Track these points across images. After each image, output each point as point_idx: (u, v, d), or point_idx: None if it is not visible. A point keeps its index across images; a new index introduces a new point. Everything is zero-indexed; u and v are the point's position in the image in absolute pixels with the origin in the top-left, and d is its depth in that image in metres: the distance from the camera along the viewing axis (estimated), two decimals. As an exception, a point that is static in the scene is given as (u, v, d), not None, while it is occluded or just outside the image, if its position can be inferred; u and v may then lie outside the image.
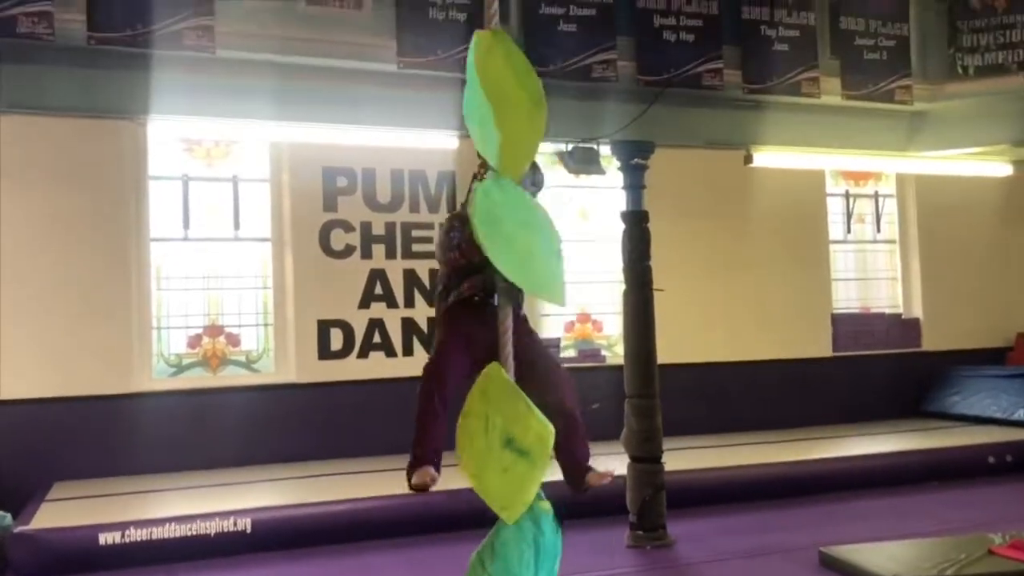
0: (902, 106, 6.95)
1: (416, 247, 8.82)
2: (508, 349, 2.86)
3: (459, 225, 3.33)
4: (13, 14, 4.66)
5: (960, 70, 6.98)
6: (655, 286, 6.57)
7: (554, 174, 7.98)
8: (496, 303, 2.96)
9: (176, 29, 5.03)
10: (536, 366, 3.19)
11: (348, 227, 8.58)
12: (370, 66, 5.66)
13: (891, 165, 8.64)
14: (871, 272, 10.91)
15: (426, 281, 8.73)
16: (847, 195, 10.73)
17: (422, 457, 3.11)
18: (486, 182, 2.70)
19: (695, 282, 8.90)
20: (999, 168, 8.26)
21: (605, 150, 6.68)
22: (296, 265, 8.41)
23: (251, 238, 8.49)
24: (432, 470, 3.08)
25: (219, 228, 8.36)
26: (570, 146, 6.56)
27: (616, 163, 6.66)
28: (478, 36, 2.56)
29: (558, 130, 6.45)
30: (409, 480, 3.12)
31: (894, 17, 6.91)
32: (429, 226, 8.82)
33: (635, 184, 6.66)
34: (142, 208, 7.94)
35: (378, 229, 8.70)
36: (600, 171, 6.68)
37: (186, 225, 8.21)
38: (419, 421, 3.17)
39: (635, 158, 6.61)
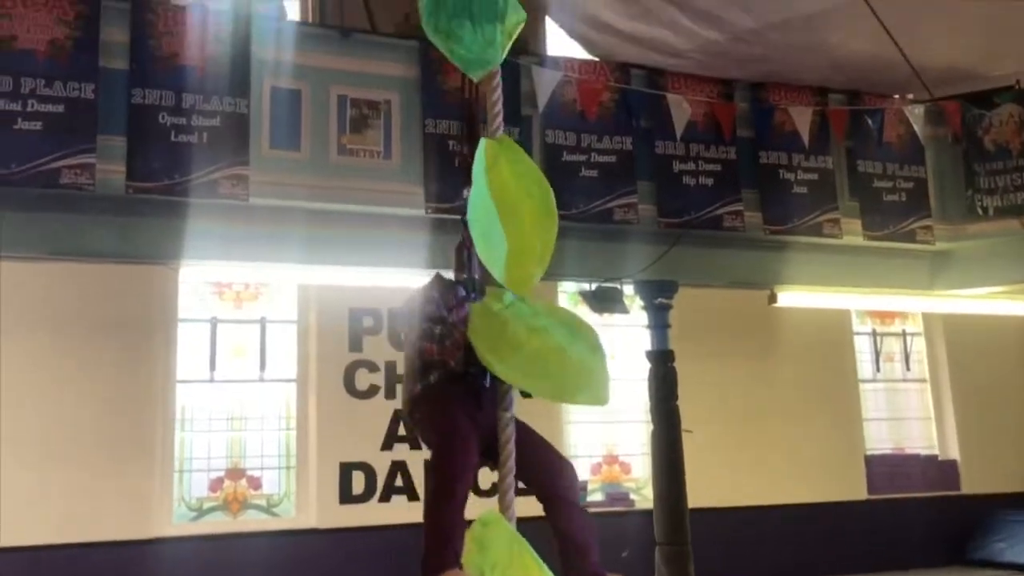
0: (924, 246, 7.00)
1: (440, 387, 8.74)
2: (510, 433, 2.48)
3: (442, 312, 3.01)
4: (56, 167, 4.87)
5: (980, 211, 7.05)
6: (684, 427, 6.49)
7: (577, 313, 8.00)
8: (489, 380, 2.62)
9: (213, 179, 5.21)
10: (538, 451, 2.86)
11: (373, 367, 8.57)
12: (398, 211, 5.81)
13: (915, 304, 8.61)
14: (903, 412, 10.68)
15: (450, 422, 8.61)
16: (874, 334, 10.64)
17: (442, 565, 2.62)
18: (486, 301, 2.55)
19: (723, 423, 8.74)
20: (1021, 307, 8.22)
21: (629, 290, 6.74)
22: (320, 406, 8.37)
23: (276, 379, 8.50)
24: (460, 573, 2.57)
25: (245, 369, 8.37)
26: (593, 286, 6.63)
27: (640, 302, 6.70)
28: (485, 143, 2.45)
29: (581, 270, 6.56)
30: None
31: (910, 160, 7.04)
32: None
33: (660, 323, 6.69)
34: (170, 351, 8.00)
35: (403, 369, 8.66)
36: (624, 310, 6.71)
37: (212, 367, 8.24)
38: (434, 525, 2.73)
39: (659, 298, 6.67)
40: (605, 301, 6.60)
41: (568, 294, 8.57)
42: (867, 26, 5.76)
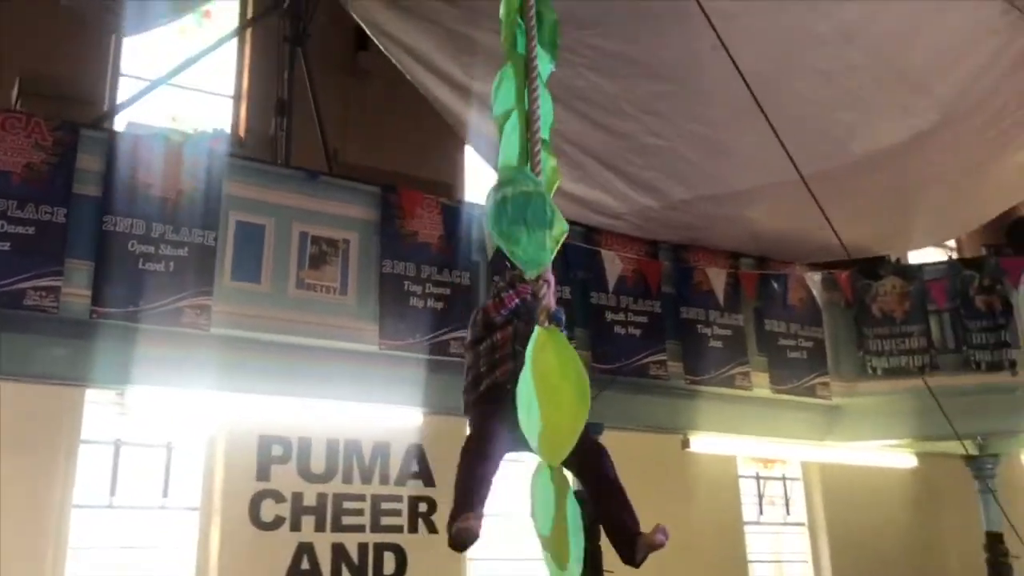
0: (822, 400, 7.65)
1: (346, 519, 8.69)
2: None
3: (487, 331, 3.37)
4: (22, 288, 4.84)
5: (870, 370, 7.80)
6: (606, 568, 6.69)
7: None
8: None
9: (177, 307, 5.27)
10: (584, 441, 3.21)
11: (280, 497, 8.43)
12: (353, 346, 5.97)
13: (806, 453, 9.24)
14: (784, 555, 11.23)
15: (355, 556, 8.55)
16: (758, 478, 11.24)
17: (464, 505, 2.97)
18: (539, 470, 2.79)
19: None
20: (905, 460, 8.96)
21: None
22: (223, 535, 8.13)
23: (179, 507, 8.23)
24: (475, 517, 2.93)
25: (146, 496, 8.09)
26: (526, 426, 6.88)
27: (567, 443, 6.98)
28: (538, 332, 2.77)
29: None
30: (450, 532, 2.97)
31: (810, 321, 7.78)
32: (361, 497, 8.77)
33: (585, 465, 6.96)
34: (69, 473, 7.66)
35: (309, 500, 8.59)
36: (554, 451, 6.96)
37: (112, 492, 7.93)
38: (468, 474, 3.07)
39: (585, 439, 6.96)
40: (535, 440, 6.84)
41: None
42: (783, 205, 6.49)
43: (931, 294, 7.76)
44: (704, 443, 7.71)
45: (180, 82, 8.59)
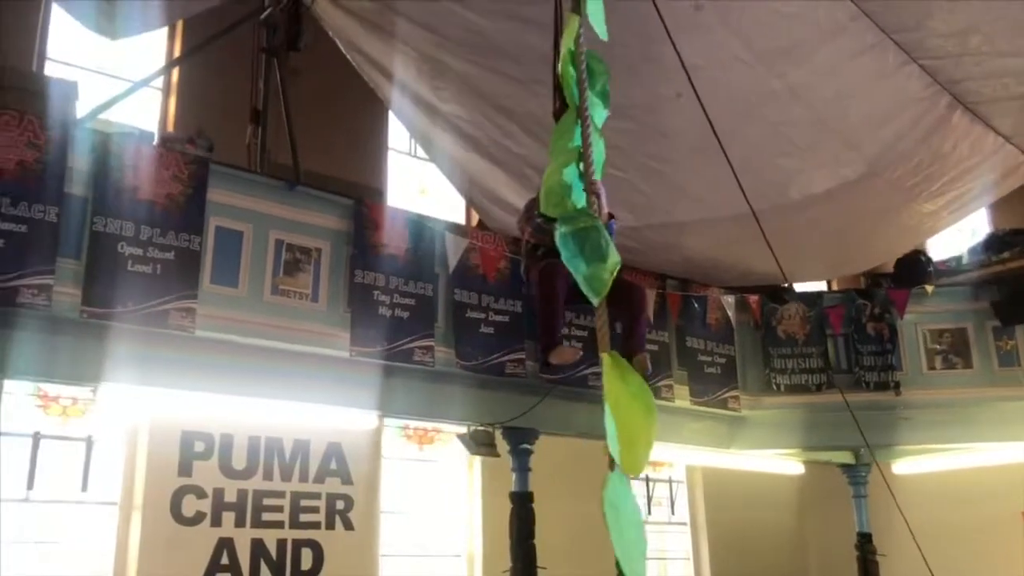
0: (733, 412, 8.41)
1: (266, 515, 8.83)
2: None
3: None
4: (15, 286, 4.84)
5: (774, 387, 8.63)
6: (539, 565, 7.18)
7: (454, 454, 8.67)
8: None
9: (164, 309, 5.37)
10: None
11: (201, 493, 8.50)
12: (324, 351, 6.20)
13: (706, 458, 9.96)
14: (668, 553, 12.07)
15: (273, 552, 8.71)
16: (647, 480, 12.04)
17: (553, 339, 3.50)
18: (613, 475, 3.26)
19: (576, 561, 9.31)
20: (794, 467, 9.89)
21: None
22: (143, 531, 8.14)
23: (98, 501, 8.18)
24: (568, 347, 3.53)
25: (65, 490, 8.00)
26: (471, 428, 7.27)
27: (506, 446, 7.43)
28: (604, 359, 3.23)
29: (463, 413, 7.22)
30: (547, 361, 3.50)
31: (724, 340, 8.51)
32: (281, 494, 8.94)
33: (523, 467, 7.43)
34: (-13, 466, 7.51)
35: (230, 496, 8.68)
36: (495, 454, 7.39)
37: (30, 486, 7.81)
38: (544, 313, 3.56)
39: (523, 443, 7.43)
40: (480, 444, 7.25)
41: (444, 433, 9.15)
42: (717, 236, 7.19)
43: (829, 319, 8.65)
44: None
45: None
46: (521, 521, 7.30)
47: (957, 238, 11.57)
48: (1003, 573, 10.64)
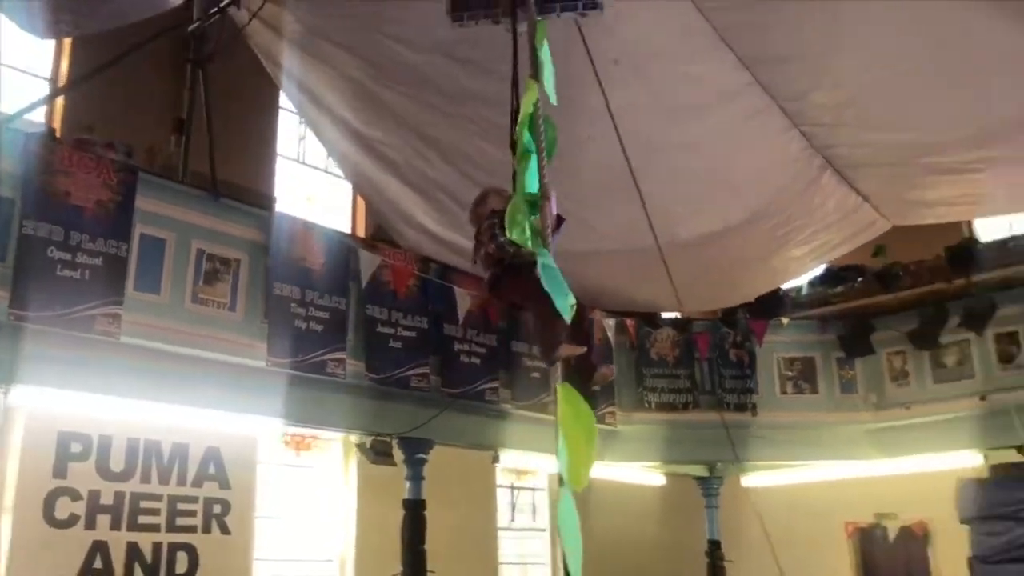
0: (609, 426, 9.05)
1: (142, 519, 8.76)
2: None
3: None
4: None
5: (646, 404, 9.35)
6: (429, 569, 7.56)
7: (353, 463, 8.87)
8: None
9: (91, 314, 5.41)
10: None
11: (76, 495, 8.34)
12: (241, 360, 6.34)
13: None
14: (529, 557, 12.62)
15: (148, 555, 8.66)
16: (512, 487, 12.56)
17: (555, 337, 3.95)
18: (564, 492, 3.72)
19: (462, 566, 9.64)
20: (656, 478, 10.67)
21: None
22: (14, 534, 7.92)
23: (-34, 504, 7.89)
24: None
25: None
26: (369, 440, 7.55)
27: (402, 456, 7.75)
28: (558, 388, 3.73)
29: (363, 424, 7.49)
30: (552, 358, 3.96)
31: (605, 360, 9.12)
32: (158, 497, 8.87)
33: (416, 476, 7.78)
34: None
35: (106, 498, 8.56)
36: (393, 463, 7.69)
37: None
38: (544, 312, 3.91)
39: (418, 453, 7.78)
40: (378, 454, 7.54)
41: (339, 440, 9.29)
42: (608, 266, 7.82)
43: (697, 344, 9.47)
44: (511, 459, 8.80)
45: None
46: (413, 527, 7.64)
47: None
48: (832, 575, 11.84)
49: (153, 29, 6.61)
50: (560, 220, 4.46)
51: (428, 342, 7.47)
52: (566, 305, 3.89)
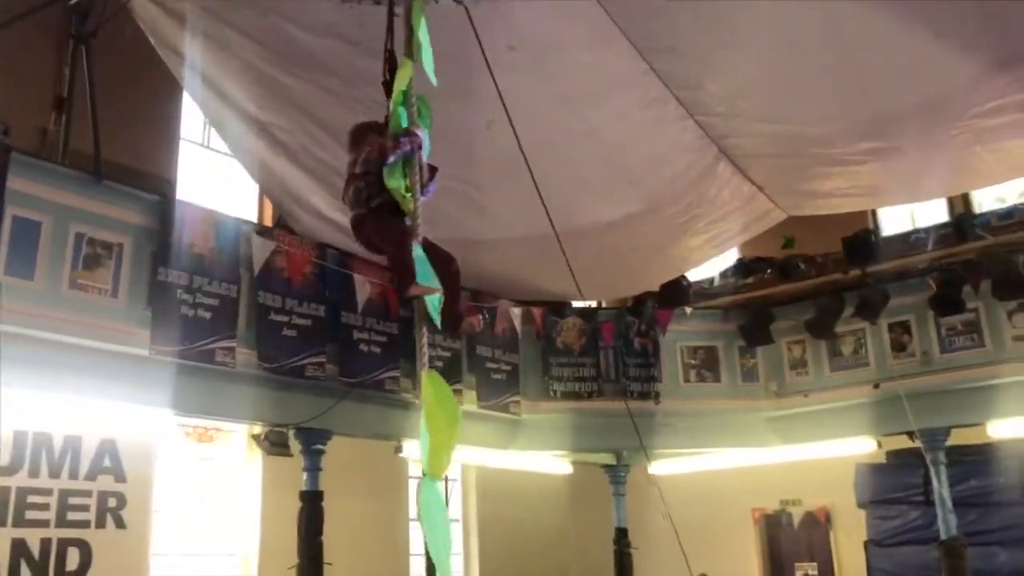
0: (514, 416, 9.03)
1: (30, 514, 8.45)
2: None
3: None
4: None
5: (551, 393, 9.36)
6: (326, 560, 7.44)
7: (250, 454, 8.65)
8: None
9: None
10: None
11: (-20, 495, 8.00)
12: (123, 348, 6.12)
13: (485, 458, 10.51)
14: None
15: (36, 552, 8.37)
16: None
17: (411, 277, 3.93)
18: (424, 481, 3.65)
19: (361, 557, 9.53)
20: (563, 467, 10.70)
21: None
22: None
23: None
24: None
25: None
26: (266, 429, 7.39)
27: (299, 447, 7.61)
28: (426, 375, 3.67)
29: (258, 414, 7.33)
30: (405, 296, 3.98)
31: (510, 348, 9.14)
32: (48, 491, 8.58)
33: (314, 467, 7.64)
34: None
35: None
36: (289, 453, 7.54)
37: None
38: (402, 263, 3.96)
39: (316, 444, 7.64)
40: (274, 444, 7.39)
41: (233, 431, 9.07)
42: (510, 254, 7.79)
43: (602, 333, 9.52)
44: (413, 448, 8.70)
45: None
46: (310, 519, 7.50)
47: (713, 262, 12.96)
48: (739, 560, 12.09)
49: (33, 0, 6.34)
50: (433, 170, 4.43)
51: (325, 330, 7.34)
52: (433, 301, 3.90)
